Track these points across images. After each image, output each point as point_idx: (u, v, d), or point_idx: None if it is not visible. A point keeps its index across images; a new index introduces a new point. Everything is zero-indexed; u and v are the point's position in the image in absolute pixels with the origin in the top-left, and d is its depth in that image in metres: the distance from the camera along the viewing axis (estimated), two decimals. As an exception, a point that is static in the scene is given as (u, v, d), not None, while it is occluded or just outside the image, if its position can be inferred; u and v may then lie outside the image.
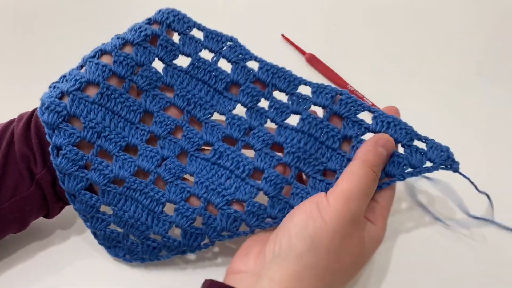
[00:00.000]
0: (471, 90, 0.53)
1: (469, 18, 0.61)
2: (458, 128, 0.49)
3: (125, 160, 0.36)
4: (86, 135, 0.35)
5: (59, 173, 0.35)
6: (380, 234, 0.34)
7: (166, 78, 0.38)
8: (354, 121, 0.37)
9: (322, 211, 0.31)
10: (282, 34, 0.59)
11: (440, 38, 0.59)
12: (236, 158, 0.37)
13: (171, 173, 0.36)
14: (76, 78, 0.35)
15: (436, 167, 0.35)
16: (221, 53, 0.39)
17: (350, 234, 0.31)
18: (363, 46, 0.58)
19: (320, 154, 0.37)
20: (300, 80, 0.39)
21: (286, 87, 0.38)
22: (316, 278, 0.30)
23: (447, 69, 0.55)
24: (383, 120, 0.36)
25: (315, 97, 0.38)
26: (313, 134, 0.37)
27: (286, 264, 0.30)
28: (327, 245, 0.30)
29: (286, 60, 0.57)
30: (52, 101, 0.35)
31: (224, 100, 0.39)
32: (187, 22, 0.39)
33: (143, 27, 0.38)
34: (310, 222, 0.31)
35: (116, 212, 0.36)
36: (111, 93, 0.36)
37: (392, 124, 0.36)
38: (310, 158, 0.36)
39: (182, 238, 0.36)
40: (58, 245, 0.41)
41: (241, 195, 0.36)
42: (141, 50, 0.37)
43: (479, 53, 0.57)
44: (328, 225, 0.30)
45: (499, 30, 0.60)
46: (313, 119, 0.37)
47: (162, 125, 0.37)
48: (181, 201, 0.36)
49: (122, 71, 0.36)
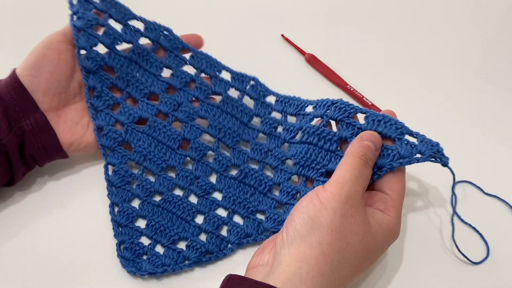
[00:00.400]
0: (471, 90, 0.53)
1: (469, 18, 0.61)
2: (458, 128, 0.49)
3: (164, 179, 0.44)
4: (135, 158, 0.44)
5: (109, 187, 0.43)
6: (393, 223, 0.36)
7: (201, 112, 0.46)
8: (348, 123, 0.40)
9: (320, 196, 0.34)
10: (282, 34, 0.59)
11: (440, 38, 0.59)
12: (259, 177, 0.44)
13: (202, 189, 0.44)
14: (130, 113, 0.45)
15: (426, 158, 0.37)
16: (245, 91, 0.48)
17: (350, 214, 0.33)
18: (362, 46, 0.58)
19: (321, 158, 0.41)
20: (306, 102, 0.45)
21: (295, 111, 0.46)
22: (322, 256, 0.32)
23: (447, 69, 0.55)
24: (374, 119, 0.39)
25: (314, 110, 0.43)
26: (312, 141, 0.41)
27: (293, 247, 0.33)
28: (328, 224, 0.33)
29: (286, 60, 0.57)
30: (110, 129, 0.44)
31: (249, 130, 0.47)
32: (218, 68, 0.48)
33: (185, 74, 0.47)
34: (310, 206, 0.34)
35: (150, 221, 0.42)
36: (157, 125, 0.45)
37: (382, 122, 0.38)
38: (312, 164, 0.41)
39: (207, 242, 0.41)
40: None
41: (263, 206, 0.43)
42: (182, 93, 0.47)
43: (479, 53, 0.57)
44: (325, 206, 0.33)
45: (499, 30, 0.60)
46: (310, 128, 0.42)
47: (197, 150, 0.45)
48: (210, 211, 0.43)
49: (166, 110, 0.46)
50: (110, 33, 0.45)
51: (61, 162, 0.45)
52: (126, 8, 0.47)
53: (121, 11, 0.46)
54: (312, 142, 0.41)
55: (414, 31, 0.60)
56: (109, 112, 0.45)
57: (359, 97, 0.52)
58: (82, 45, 0.44)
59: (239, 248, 0.41)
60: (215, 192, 0.44)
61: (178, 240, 0.41)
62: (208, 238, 0.41)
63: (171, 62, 0.47)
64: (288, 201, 0.42)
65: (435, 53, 0.57)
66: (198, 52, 0.47)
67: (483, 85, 0.53)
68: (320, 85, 0.54)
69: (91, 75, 0.45)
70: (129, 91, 0.46)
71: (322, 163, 0.41)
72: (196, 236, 0.41)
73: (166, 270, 0.39)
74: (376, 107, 0.50)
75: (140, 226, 0.42)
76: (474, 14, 0.62)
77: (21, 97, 0.41)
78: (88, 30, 0.44)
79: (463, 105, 0.51)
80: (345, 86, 0.53)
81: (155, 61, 0.47)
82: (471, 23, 0.61)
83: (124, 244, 0.41)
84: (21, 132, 0.41)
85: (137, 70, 0.47)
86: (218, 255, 0.40)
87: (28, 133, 0.41)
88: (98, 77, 0.45)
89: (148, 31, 0.47)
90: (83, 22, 0.44)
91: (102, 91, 0.45)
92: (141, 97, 0.46)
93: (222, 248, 0.41)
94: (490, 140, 0.48)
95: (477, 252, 0.41)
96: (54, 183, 0.45)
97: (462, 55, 0.57)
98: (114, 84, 0.46)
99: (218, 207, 0.43)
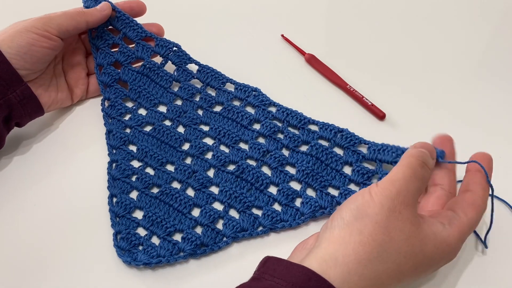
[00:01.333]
0: (471, 90, 0.53)
1: (469, 18, 0.61)
2: (458, 128, 0.49)
3: (163, 172, 0.45)
4: (137, 155, 0.47)
5: (110, 180, 0.45)
6: (451, 238, 0.34)
7: (204, 119, 0.50)
8: (353, 150, 0.45)
9: (371, 190, 0.34)
10: (282, 34, 0.59)
11: (440, 38, 0.59)
12: (256, 174, 0.45)
13: (199, 182, 0.45)
14: (139, 119, 0.49)
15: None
16: (247, 100, 0.50)
17: (398, 210, 0.33)
18: (362, 46, 0.58)
19: (326, 173, 0.45)
20: (309, 119, 0.48)
21: (297, 124, 0.48)
22: (362, 244, 0.32)
23: (447, 69, 0.55)
24: (374, 149, 0.45)
25: (321, 131, 0.47)
26: (320, 158, 0.45)
27: (335, 231, 0.33)
28: (373, 215, 0.33)
29: (286, 61, 0.57)
30: (118, 131, 0.48)
31: (248, 131, 0.48)
32: (222, 80, 0.52)
33: (192, 86, 0.51)
34: (359, 197, 0.34)
35: (147, 213, 0.43)
36: (162, 129, 0.48)
37: (381, 150, 0.44)
38: (317, 175, 0.44)
39: (202, 235, 0.41)
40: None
41: (259, 202, 0.44)
42: (188, 103, 0.51)
43: (479, 53, 0.57)
44: (374, 198, 0.33)
45: (499, 30, 0.60)
46: (320, 146, 0.46)
47: (197, 148, 0.47)
48: (206, 204, 0.43)
49: (172, 116, 0.50)
50: (124, 51, 0.51)
51: (62, 156, 0.48)
52: (140, 26, 0.52)
53: (135, 29, 0.51)
54: (320, 158, 0.45)
55: (414, 31, 0.60)
56: (120, 119, 0.49)
57: (359, 97, 0.52)
58: (100, 62, 0.51)
59: (234, 241, 0.42)
60: (212, 186, 0.45)
61: (174, 232, 0.42)
62: (204, 231, 0.42)
63: (180, 76, 0.52)
64: (287, 203, 0.43)
65: (435, 53, 0.57)
66: (204, 66, 0.52)
67: (483, 85, 0.53)
68: (320, 85, 0.54)
69: (107, 88, 0.51)
70: (140, 102, 0.51)
71: (326, 177, 0.44)
72: (192, 229, 0.42)
73: (161, 261, 0.39)
74: (376, 107, 0.50)
75: (137, 217, 0.43)
76: (474, 14, 0.62)
77: (6, 71, 0.43)
78: (105, 49, 0.51)
79: (463, 105, 0.51)
80: (345, 86, 0.53)
81: (165, 75, 0.52)
82: (471, 23, 0.61)
83: (120, 234, 0.41)
84: (8, 104, 0.44)
85: (148, 83, 0.51)
86: (213, 248, 0.41)
87: (16, 104, 0.44)
88: (114, 90, 0.51)
89: (158, 47, 0.52)
90: (101, 42, 0.51)
91: (116, 101, 0.50)
92: (151, 106, 0.50)
93: (217, 241, 0.41)
94: (490, 140, 0.48)
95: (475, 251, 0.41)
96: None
97: (462, 55, 0.57)
98: (127, 96, 0.51)
99: (214, 201, 0.44)
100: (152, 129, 0.48)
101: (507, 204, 0.43)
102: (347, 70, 0.54)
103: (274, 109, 0.50)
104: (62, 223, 0.43)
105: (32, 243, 0.41)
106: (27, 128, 0.48)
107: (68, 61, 0.51)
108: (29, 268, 0.40)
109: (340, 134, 0.47)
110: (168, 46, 0.52)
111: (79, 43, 0.53)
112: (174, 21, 0.59)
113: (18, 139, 0.49)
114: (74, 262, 0.40)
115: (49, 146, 0.48)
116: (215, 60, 0.53)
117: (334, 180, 0.44)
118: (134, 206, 0.43)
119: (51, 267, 0.40)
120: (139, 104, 0.51)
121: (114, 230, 0.42)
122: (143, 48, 0.52)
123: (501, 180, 0.45)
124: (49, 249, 0.41)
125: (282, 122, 0.49)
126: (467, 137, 0.48)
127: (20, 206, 0.44)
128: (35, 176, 0.46)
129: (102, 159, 0.47)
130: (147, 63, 0.51)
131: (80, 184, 0.45)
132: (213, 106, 0.51)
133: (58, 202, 0.44)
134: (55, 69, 0.50)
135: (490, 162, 0.39)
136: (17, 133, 0.48)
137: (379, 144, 0.45)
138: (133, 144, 0.48)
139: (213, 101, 0.51)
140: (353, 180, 0.44)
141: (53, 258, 0.40)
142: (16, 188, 0.45)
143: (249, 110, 0.50)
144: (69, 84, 0.51)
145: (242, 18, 0.62)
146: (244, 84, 0.51)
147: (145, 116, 0.49)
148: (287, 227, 0.42)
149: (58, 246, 0.41)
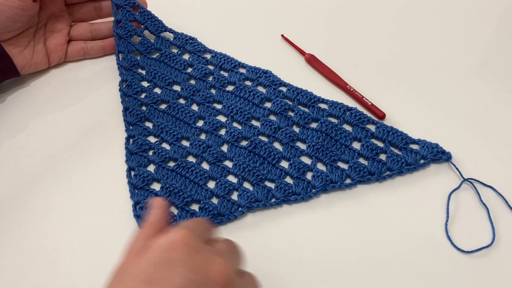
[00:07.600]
0: (471, 90, 0.53)
1: (470, 18, 0.61)
2: (458, 128, 0.49)
3: (179, 147, 0.47)
4: (153, 131, 0.49)
5: (128, 154, 0.47)
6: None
7: (217, 97, 0.52)
8: (362, 127, 0.48)
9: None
10: (282, 34, 0.59)
11: (440, 38, 0.59)
12: (268, 149, 0.47)
13: (214, 157, 0.47)
14: (154, 96, 0.52)
15: (428, 162, 0.45)
16: (259, 81, 0.53)
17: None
18: (362, 47, 0.58)
19: (335, 148, 0.47)
20: (319, 98, 0.50)
21: (307, 102, 0.50)
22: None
23: (447, 69, 0.55)
24: (383, 129, 0.47)
25: (330, 109, 0.49)
26: (330, 134, 0.47)
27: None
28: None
29: (286, 61, 0.57)
30: (134, 107, 0.51)
31: (259, 109, 0.50)
32: (234, 64, 0.54)
33: (205, 67, 0.54)
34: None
35: (164, 184, 0.45)
36: (176, 106, 0.51)
37: (390, 132, 0.47)
38: (327, 150, 0.46)
39: (218, 205, 0.43)
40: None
41: (272, 176, 0.45)
42: (200, 82, 0.53)
43: (479, 53, 0.57)
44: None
45: (499, 30, 0.60)
46: (330, 123, 0.48)
47: (211, 124, 0.49)
48: (221, 176, 0.45)
49: (186, 94, 0.52)
50: (144, 43, 0.55)
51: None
52: (160, 21, 0.57)
53: (155, 23, 0.56)
54: (329, 134, 0.47)
55: (414, 31, 0.60)
56: (136, 96, 0.52)
57: (359, 97, 0.52)
58: (121, 50, 0.55)
59: (249, 211, 0.43)
60: (226, 161, 0.47)
61: (191, 202, 0.44)
62: (220, 202, 0.44)
63: (194, 61, 0.55)
64: (298, 176, 0.45)
65: (435, 53, 0.57)
66: (217, 53, 0.56)
67: (483, 85, 0.53)
68: (320, 85, 0.54)
69: (126, 71, 0.54)
70: (155, 81, 0.53)
71: (336, 152, 0.46)
72: (208, 199, 0.44)
73: None
74: (375, 107, 0.50)
75: (155, 189, 0.45)
76: (474, 14, 0.62)
77: None
78: (128, 39, 0.55)
79: (463, 105, 0.51)
80: (345, 86, 0.53)
81: (180, 60, 0.55)
82: (471, 23, 0.61)
83: (139, 204, 0.43)
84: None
85: (164, 67, 0.54)
86: (229, 217, 0.43)
87: None
88: (131, 73, 0.54)
89: (176, 40, 0.57)
90: (124, 32, 0.55)
91: (132, 81, 0.53)
92: (165, 85, 0.53)
93: (233, 211, 0.43)
94: (490, 140, 0.48)
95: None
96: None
97: (462, 55, 0.57)
98: (144, 78, 0.54)
99: (228, 174, 0.46)
100: (167, 106, 0.51)
101: (507, 204, 0.43)
102: (347, 70, 0.54)
103: (285, 88, 0.52)
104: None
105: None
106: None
107: (51, 28, 0.54)
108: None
109: (349, 112, 0.49)
110: (185, 38, 0.56)
111: (64, 12, 0.55)
112: (174, 21, 0.59)
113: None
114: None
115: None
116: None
117: (343, 155, 0.46)
118: (152, 179, 0.45)
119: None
120: (154, 84, 0.53)
121: (133, 200, 0.43)
122: (162, 40, 0.56)
123: (501, 180, 0.45)
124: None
125: (293, 101, 0.51)
126: (467, 137, 0.48)
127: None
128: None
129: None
130: (165, 51, 0.55)
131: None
132: (226, 85, 0.53)
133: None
134: (36, 33, 0.52)
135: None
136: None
137: (389, 126, 0.47)
138: (149, 121, 0.50)
139: (225, 81, 0.53)
140: (362, 154, 0.46)
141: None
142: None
143: (261, 89, 0.52)
144: (48, 48, 0.53)
145: (242, 18, 0.62)
146: (255, 66, 0.54)
147: (160, 94, 0.52)
148: (300, 200, 0.44)
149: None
